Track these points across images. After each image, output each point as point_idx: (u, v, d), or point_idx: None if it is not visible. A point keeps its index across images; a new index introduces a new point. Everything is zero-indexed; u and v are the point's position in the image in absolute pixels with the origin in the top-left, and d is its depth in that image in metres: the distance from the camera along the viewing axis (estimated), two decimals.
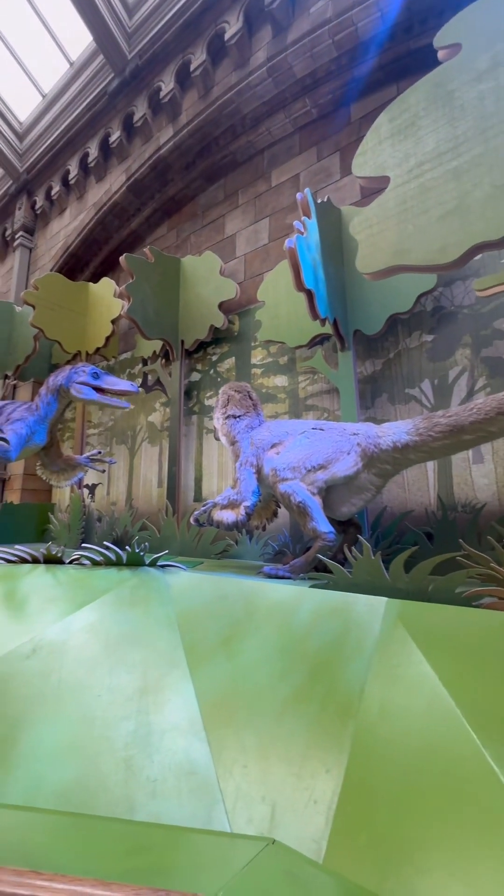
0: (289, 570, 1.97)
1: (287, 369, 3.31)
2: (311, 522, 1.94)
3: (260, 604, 1.68)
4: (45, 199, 5.88)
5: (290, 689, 1.29)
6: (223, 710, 1.27)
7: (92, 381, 2.73)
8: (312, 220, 2.34)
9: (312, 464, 2.00)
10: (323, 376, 3.07)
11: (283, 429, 2.24)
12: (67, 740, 1.19)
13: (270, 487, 2.14)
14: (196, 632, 1.60)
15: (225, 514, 2.18)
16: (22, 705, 1.28)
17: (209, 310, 3.63)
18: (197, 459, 3.75)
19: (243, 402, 2.46)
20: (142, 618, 1.70)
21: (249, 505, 2.15)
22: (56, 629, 1.60)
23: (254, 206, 3.87)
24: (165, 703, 1.32)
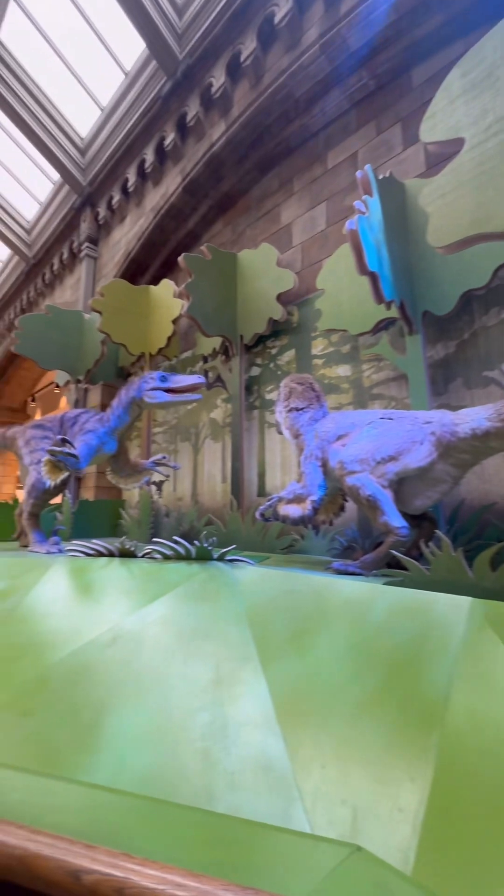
0: (359, 567, 1.91)
1: (350, 358, 3.21)
2: (383, 517, 1.86)
3: (330, 600, 1.64)
4: (106, 209, 6.18)
5: (365, 690, 1.24)
6: (297, 708, 1.26)
7: (161, 385, 2.81)
8: (374, 198, 2.23)
9: (382, 455, 1.92)
10: (389, 363, 2.94)
11: (348, 420, 2.17)
12: (148, 727, 1.23)
13: (337, 481, 2.08)
14: (266, 627, 1.60)
15: (291, 508, 2.16)
16: (105, 691, 1.35)
17: (267, 302, 3.62)
18: (259, 454, 3.76)
19: (306, 394, 2.42)
20: (212, 611, 1.73)
21: (316, 499, 2.11)
22: (133, 620, 1.67)
23: (309, 191, 3.78)
24: (239, 696, 1.33)
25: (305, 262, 3.71)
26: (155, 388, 2.82)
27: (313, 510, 2.09)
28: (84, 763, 1.12)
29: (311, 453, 2.19)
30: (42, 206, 7.78)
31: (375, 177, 2.30)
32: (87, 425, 2.99)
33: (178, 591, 1.86)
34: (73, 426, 3.05)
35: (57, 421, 3.14)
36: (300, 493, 2.15)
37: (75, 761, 1.13)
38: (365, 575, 1.86)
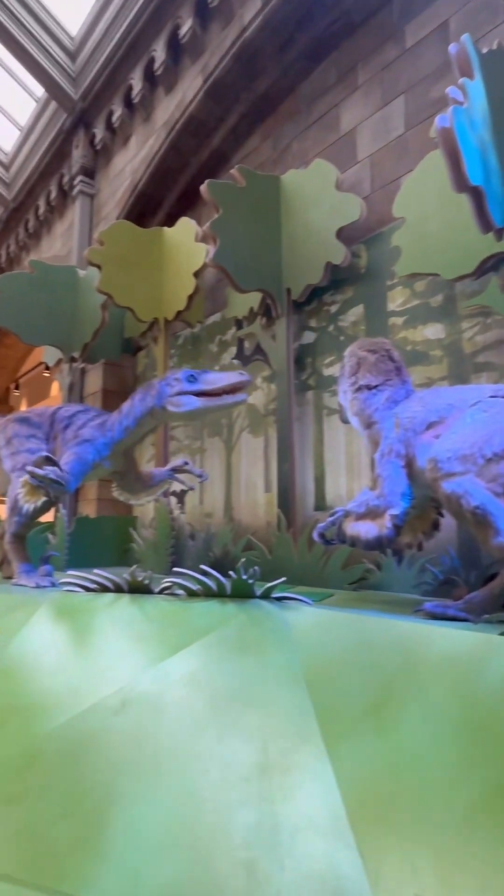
0: (464, 609, 1.83)
1: (443, 314, 3.10)
2: (498, 537, 1.77)
3: (423, 657, 1.59)
4: (105, 128, 6.32)
5: (481, 788, 1.18)
6: (378, 809, 1.22)
7: (189, 387, 2.80)
8: (476, 80, 2.12)
9: (495, 449, 1.83)
10: (501, 319, 2.80)
11: (444, 400, 2.09)
12: (170, 827, 1.23)
13: (429, 487, 2.00)
14: (331, 692, 1.57)
15: (363, 526, 2.11)
16: (112, 775, 1.36)
17: (323, 242, 3.55)
18: (316, 451, 3.71)
19: (381, 366, 2.36)
20: (256, 668, 1.72)
21: (398, 514, 2.05)
22: (148, 678, 1.68)
23: (380, 82, 3.68)
24: (295, 788, 1.30)
25: (377, 183, 3.61)
26: (181, 392, 2.81)
27: (394, 529, 2.03)
28: (86, 875, 1.13)
29: (390, 449, 2.13)
30: (22, 132, 8.07)
31: (477, 51, 2.18)
32: (83, 431, 3.05)
33: (208, 640, 1.86)
34: (66, 428, 3.12)
35: (47, 417, 3.22)
36: (375, 504, 2.10)
37: (74, 872, 1.13)
38: (472, 620, 1.78)
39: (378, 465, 2.16)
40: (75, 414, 3.18)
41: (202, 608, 2.06)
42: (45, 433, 3.17)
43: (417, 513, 2.31)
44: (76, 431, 3.07)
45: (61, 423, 3.15)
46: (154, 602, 2.17)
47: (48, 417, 3.22)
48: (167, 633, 1.94)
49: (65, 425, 3.13)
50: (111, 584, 2.32)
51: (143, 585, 2.26)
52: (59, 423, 3.16)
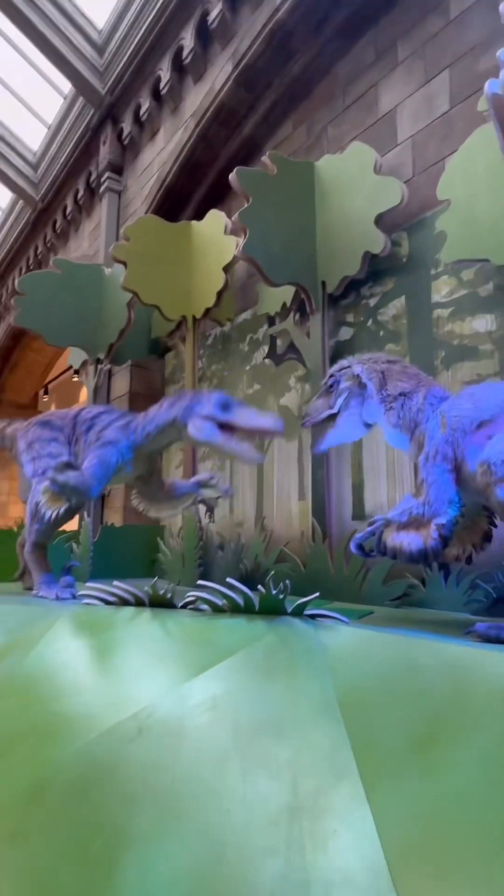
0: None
1: (495, 304, 2.97)
2: None
3: (476, 685, 1.47)
4: (133, 122, 6.37)
5: None
6: (425, 864, 1.10)
7: (219, 416, 2.75)
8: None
9: None
10: None
11: (498, 396, 1.96)
12: (186, 876, 1.13)
13: (481, 493, 1.88)
14: (371, 724, 1.46)
15: (405, 537, 2.00)
16: (125, 811, 1.28)
17: (361, 230, 3.46)
18: (355, 456, 3.60)
19: (408, 371, 2.30)
20: (285, 695, 1.63)
21: (445, 523, 1.93)
22: (167, 703, 1.61)
23: (422, 58, 3.58)
24: (329, 835, 1.19)
25: (419, 165, 3.50)
26: (209, 416, 2.76)
27: (441, 540, 1.91)
28: None
29: (436, 451, 2.01)
30: (50, 130, 8.23)
31: None
32: (106, 433, 3.02)
33: (233, 662, 1.78)
34: (88, 430, 3.10)
35: (70, 420, 3.21)
36: (419, 513, 1.99)
37: None
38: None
39: (423, 470, 2.04)
40: (98, 415, 3.15)
41: (228, 625, 1.98)
42: (67, 436, 3.15)
43: (467, 522, 2.20)
44: (99, 433, 3.04)
45: (83, 424, 3.13)
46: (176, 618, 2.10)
47: (70, 420, 3.20)
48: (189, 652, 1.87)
49: (87, 427, 3.11)
50: (132, 598, 2.27)
51: (166, 600, 2.20)
52: (82, 425, 3.14)
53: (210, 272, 4.34)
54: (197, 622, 2.03)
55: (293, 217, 3.68)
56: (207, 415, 2.76)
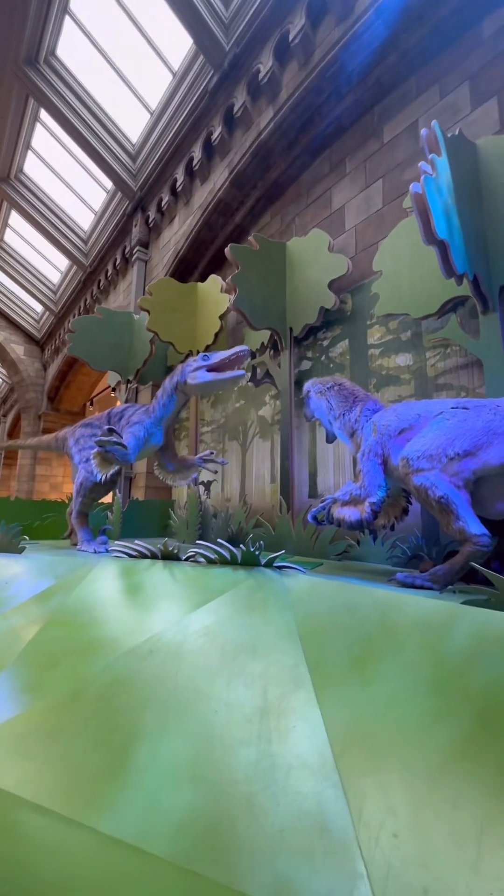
0: (429, 580, 1.65)
1: (411, 346, 2.91)
2: (457, 522, 1.59)
3: (398, 619, 1.40)
4: (156, 211, 6.23)
5: (450, 736, 1.00)
6: (361, 751, 1.04)
7: (203, 363, 2.68)
8: (442, 157, 1.95)
9: (456, 450, 1.65)
10: (457, 349, 2.61)
11: (413, 411, 1.91)
12: (185, 759, 1.07)
13: (401, 480, 1.83)
14: (321, 646, 1.39)
15: (347, 511, 1.94)
16: (139, 712, 1.20)
17: (318, 291, 3.39)
18: (311, 452, 3.54)
19: (343, 392, 2.24)
20: (260, 624, 1.55)
21: (376, 501, 1.88)
22: (173, 630, 1.53)
23: (364, 170, 3.52)
24: (289, 730, 1.13)
25: (360, 246, 3.44)
26: (197, 367, 2.68)
27: (372, 513, 1.86)
28: (112, 801, 0.97)
29: (370, 449, 1.96)
30: (97, 215, 8.03)
31: (443, 134, 2.02)
32: (133, 418, 2.93)
33: (222, 600, 1.71)
34: (119, 420, 3.01)
35: (104, 417, 3.11)
36: (357, 494, 1.93)
37: (103, 798, 0.98)
38: (437, 590, 1.60)
39: (360, 463, 1.99)
40: (125, 409, 3.08)
41: (218, 573, 1.91)
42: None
43: (391, 501, 2.15)
44: (128, 419, 2.97)
45: (115, 417, 3.05)
46: (181, 567, 2.03)
47: (105, 418, 3.12)
48: (190, 592, 1.80)
49: (119, 418, 3.03)
50: (148, 553, 2.19)
51: (173, 554, 2.12)
52: (114, 419, 3.05)
53: (210, 319, 4.25)
54: (196, 571, 1.96)
55: (270, 281, 3.60)
56: (197, 366, 2.69)
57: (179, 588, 1.86)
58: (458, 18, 2.82)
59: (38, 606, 1.90)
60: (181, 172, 5.50)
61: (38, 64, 5.80)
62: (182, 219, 5.66)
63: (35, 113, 6.85)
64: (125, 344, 4.93)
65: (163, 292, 4.31)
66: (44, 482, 11.29)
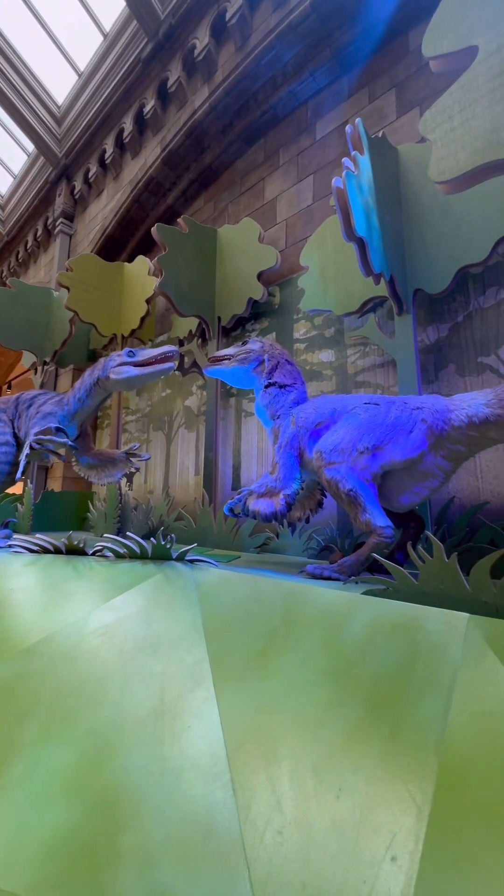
0: (336, 571, 1.68)
1: (334, 342, 2.97)
2: (364, 514, 1.63)
3: (301, 611, 1.41)
4: (83, 182, 5.82)
5: (340, 725, 1.00)
6: (254, 747, 1.01)
7: (129, 359, 2.52)
8: (365, 156, 1.99)
9: (365, 444, 1.68)
10: (376, 348, 2.71)
11: (329, 405, 1.93)
12: (65, 773, 0.97)
13: (315, 473, 1.84)
14: (225, 641, 1.36)
15: (262, 503, 1.92)
16: (19, 723, 1.08)
17: (247, 282, 3.35)
18: (235, 444, 3.51)
19: (293, 372, 2.18)
20: (164, 621, 1.48)
21: (290, 493, 1.87)
22: (68, 631, 1.42)
23: (296, 164, 3.52)
24: (183, 730, 1.08)
25: (290, 240, 3.45)
26: (122, 363, 2.52)
27: (286, 506, 1.85)
28: None
29: (287, 441, 1.95)
30: (16, 180, 7.33)
31: (367, 133, 2.05)
32: (43, 408, 2.68)
33: (125, 597, 1.61)
34: (28, 408, 2.74)
35: (12, 402, 2.82)
36: (272, 486, 1.92)
37: None
38: (342, 581, 1.64)
39: (276, 454, 1.98)
40: (35, 396, 2.80)
41: (125, 568, 1.81)
42: (11, 416, 2.78)
43: (306, 493, 2.18)
44: (38, 409, 2.70)
45: (24, 405, 2.77)
46: (86, 563, 1.89)
47: (12, 402, 2.82)
48: (92, 589, 1.68)
49: (27, 406, 2.76)
50: (51, 547, 2.02)
51: (79, 548, 1.98)
52: (23, 405, 2.78)
53: (136, 302, 4.04)
54: (102, 566, 1.84)
55: (199, 266, 3.50)
56: (121, 362, 2.53)
57: (82, 584, 1.74)
58: (388, 26, 2.90)
59: None
60: (111, 143, 5.18)
61: None
62: (111, 193, 5.34)
63: None
64: (42, 322, 4.56)
65: (85, 269, 4.03)
66: None
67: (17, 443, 2.74)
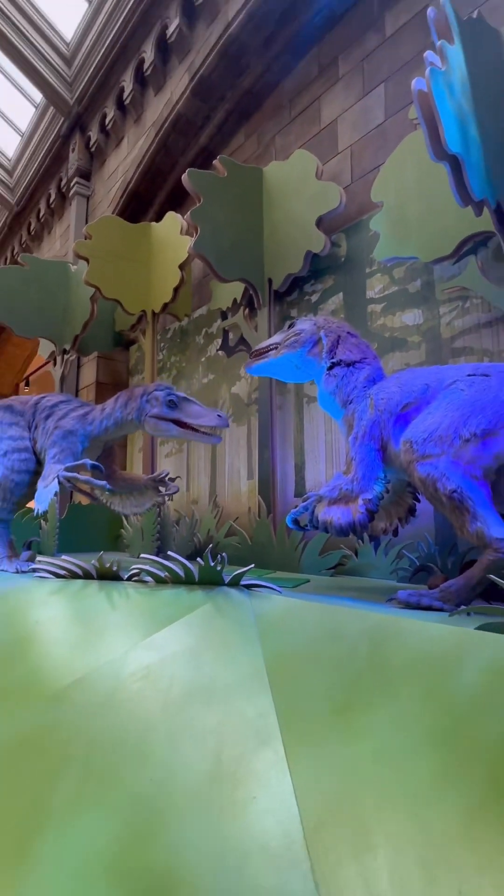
0: (439, 598, 1.62)
1: (421, 299, 2.86)
2: (474, 523, 1.55)
3: (396, 651, 1.37)
4: (99, 131, 6.04)
5: (455, 806, 0.95)
6: (339, 829, 0.98)
7: (169, 414, 2.68)
8: (455, 45, 1.87)
9: (472, 430, 1.60)
10: (479, 301, 2.57)
11: (420, 381, 1.86)
12: (104, 847, 0.99)
13: (404, 470, 1.77)
14: (295, 690, 1.35)
15: (335, 511, 1.88)
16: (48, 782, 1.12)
17: (304, 231, 3.31)
18: (297, 439, 3.48)
19: (360, 345, 2.14)
20: (217, 663, 1.50)
21: (371, 498, 1.83)
22: (103, 673, 1.47)
23: (361, 73, 3.42)
24: (248, 802, 1.07)
25: (357, 172, 3.36)
26: (160, 416, 2.69)
27: (367, 514, 1.80)
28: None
29: (364, 431, 1.90)
30: (24, 138, 7.77)
31: (457, 16, 1.93)
32: (63, 422, 2.83)
33: (169, 632, 1.65)
34: (47, 418, 2.90)
35: (31, 406, 3.00)
36: (348, 489, 1.87)
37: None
38: (448, 611, 1.56)
39: (352, 449, 1.93)
40: (57, 404, 2.96)
41: (168, 596, 1.85)
42: (28, 421, 2.96)
43: (393, 498, 2.11)
44: (57, 422, 2.85)
45: (43, 412, 2.94)
46: (122, 589, 1.95)
47: (31, 406, 3.00)
48: (129, 623, 1.73)
49: (46, 415, 2.92)
50: (80, 571, 2.11)
51: (112, 572, 2.06)
52: (42, 413, 2.94)
53: (167, 270, 4.12)
54: (140, 594, 1.89)
55: (242, 218, 3.50)
56: (159, 414, 2.68)
57: (117, 616, 1.80)
58: None
59: None
60: (129, 79, 5.33)
61: None
62: (132, 140, 5.49)
63: None
64: (59, 303, 4.78)
65: (106, 235, 4.17)
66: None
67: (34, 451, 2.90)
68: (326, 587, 2.23)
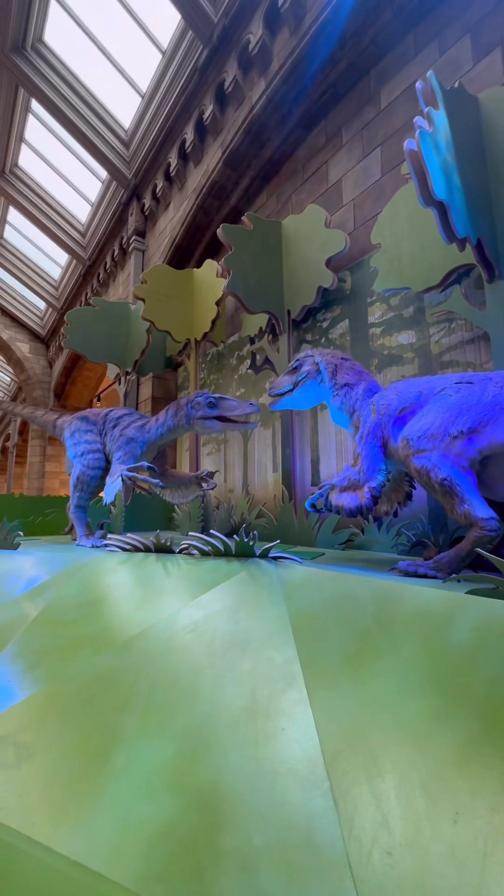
0: (433, 568, 1.55)
1: (414, 322, 2.77)
2: (462, 505, 1.48)
3: (397, 611, 1.31)
4: (151, 198, 6.10)
5: (450, 740, 0.91)
6: (353, 756, 0.95)
7: (210, 413, 2.68)
8: (440, 111, 1.80)
9: (459, 428, 1.53)
10: (463, 322, 2.47)
11: (414, 389, 1.80)
12: (164, 766, 0.99)
13: (402, 463, 1.72)
14: (314, 642, 1.31)
15: (345, 497, 1.83)
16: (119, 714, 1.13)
17: (316, 270, 3.26)
18: (312, 439, 3.43)
19: (354, 368, 2.11)
20: (251, 619, 1.47)
21: (375, 486, 1.77)
22: (161, 626, 1.47)
23: (361, 139, 3.35)
24: (277, 732, 1.05)
25: (359, 220, 3.29)
26: (204, 416, 2.68)
27: (372, 499, 1.75)
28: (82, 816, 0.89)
29: (368, 431, 1.85)
30: (93, 207, 7.92)
31: (441, 86, 1.86)
32: (126, 431, 2.87)
33: (212, 594, 1.63)
34: (114, 427, 2.95)
35: (102, 417, 3.05)
36: (356, 479, 1.83)
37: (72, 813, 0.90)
38: (440, 578, 1.50)
39: (358, 446, 1.89)
40: (122, 417, 3.00)
41: (211, 566, 1.84)
42: (100, 429, 3.01)
43: (393, 486, 2.05)
44: (122, 431, 2.90)
45: (111, 423, 2.99)
46: (174, 560, 1.96)
47: (102, 417, 3.05)
48: (180, 586, 1.73)
49: (113, 425, 2.97)
50: (142, 546, 2.13)
51: (166, 547, 2.06)
52: (110, 423, 2.99)
53: (206, 306, 4.13)
54: (188, 564, 1.89)
55: (265, 262, 3.47)
56: (204, 416, 2.67)
57: (171, 582, 1.80)
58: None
59: (26, 603, 1.85)
60: (174, 156, 5.36)
61: (25, 51, 5.67)
62: (177, 204, 5.52)
63: (26, 103, 6.74)
64: (122, 334, 4.85)
65: (157, 280, 4.21)
66: (54, 479, 11.37)
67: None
68: (339, 559, 2.19)
